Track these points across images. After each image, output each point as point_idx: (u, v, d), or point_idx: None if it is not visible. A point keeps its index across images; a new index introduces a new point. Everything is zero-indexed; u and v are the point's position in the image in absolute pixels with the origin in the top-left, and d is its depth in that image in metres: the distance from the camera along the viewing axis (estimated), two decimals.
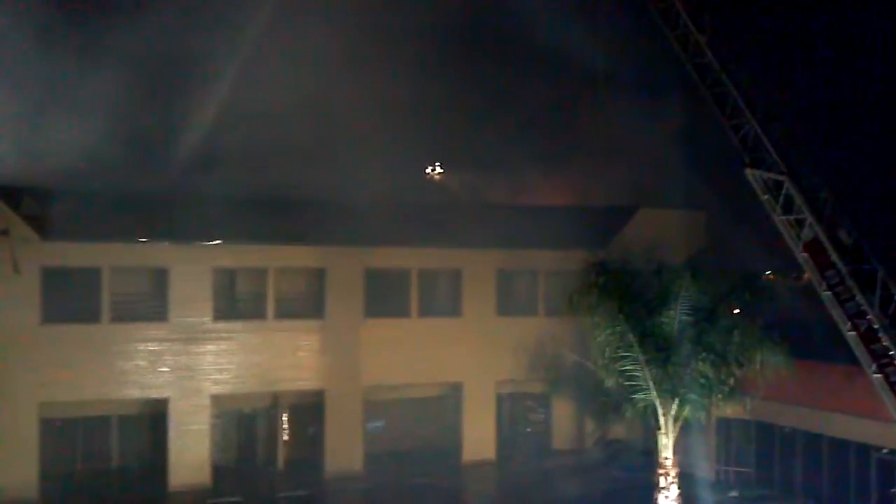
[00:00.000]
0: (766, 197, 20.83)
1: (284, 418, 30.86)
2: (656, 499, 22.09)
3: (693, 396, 21.52)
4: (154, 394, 28.35)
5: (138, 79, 30.49)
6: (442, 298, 33.00)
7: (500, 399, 32.86)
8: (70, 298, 27.82)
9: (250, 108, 31.38)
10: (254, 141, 30.98)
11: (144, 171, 31.59)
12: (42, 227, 27.23)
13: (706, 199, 32.79)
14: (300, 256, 30.31)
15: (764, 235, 24.38)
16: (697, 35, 21.99)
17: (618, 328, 22.31)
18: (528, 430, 34.03)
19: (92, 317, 27.78)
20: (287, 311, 30.09)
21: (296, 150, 32.47)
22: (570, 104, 36.26)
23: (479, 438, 31.85)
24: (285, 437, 30.80)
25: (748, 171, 21.32)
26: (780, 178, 20.54)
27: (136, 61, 30.18)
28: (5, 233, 26.36)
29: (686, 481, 23.47)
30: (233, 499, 27.23)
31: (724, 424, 28.38)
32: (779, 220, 20.50)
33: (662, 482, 22.06)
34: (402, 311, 31.38)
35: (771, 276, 29.14)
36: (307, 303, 30.71)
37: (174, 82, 32.21)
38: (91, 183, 29.27)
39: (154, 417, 28.93)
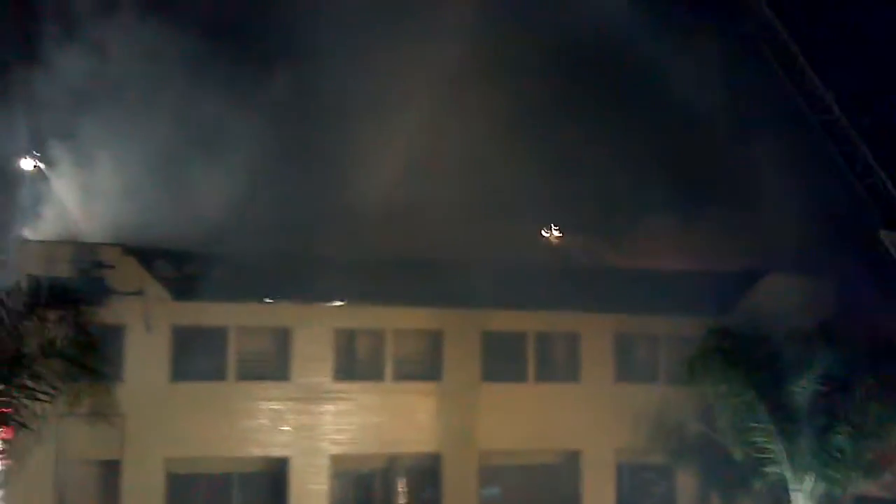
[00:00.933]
0: None
1: (401, 481, 30.80)
2: None
3: (829, 472, 20.46)
4: (275, 452, 28.74)
5: (275, 140, 31.69)
6: (559, 363, 32.52)
7: (620, 469, 31.95)
8: (198, 357, 28.69)
9: (372, 168, 32.13)
10: (372, 201, 31.55)
11: (270, 234, 32.58)
12: (174, 287, 28.35)
13: (837, 262, 31.53)
14: (418, 318, 30.52)
15: None
16: (824, 92, 21.48)
17: (746, 397, 21.52)
18: (650, 501, 32.90)
19: (218, 375, 28.53)
20: (404, 373, 30.22)
21: (415, 211, 32.97)
22: (694, 165, 35.68)
23: None
24: (402, 501, 30.69)
25: (884, 234, 20.50)
26: None
27: (271, 123, 31.43)
28: (140, 293, 27.51)
29: None
30: None
31: (862, 502, 26.77)
32: None
33: None
34: (518, 376, 31.05)
35: None
36: (424, 365, 30.74)
37: (303, 146, 33.33)
38: (220, 245, 30.38)
39: (274, 476, 29.23)
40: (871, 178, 21.19)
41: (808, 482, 20.86)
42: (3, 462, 27.53)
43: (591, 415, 30.98)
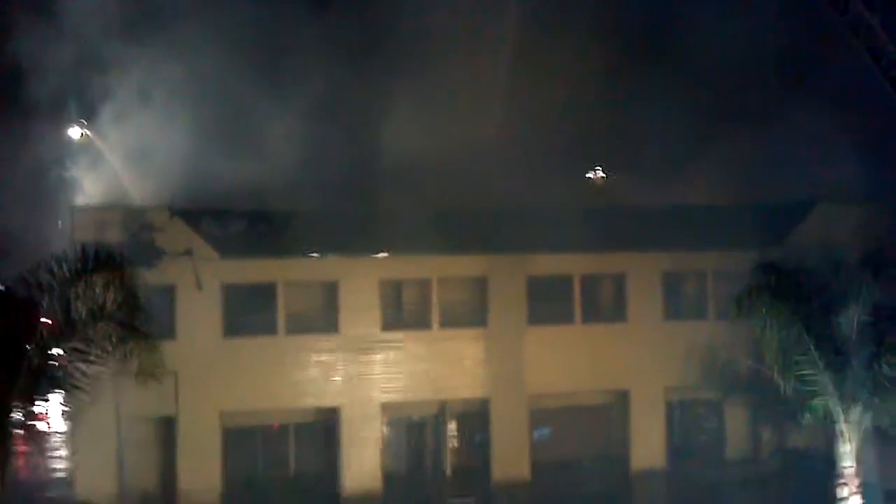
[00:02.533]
0: None
1: (451, 426, 31.25)
2: None
3: (875, 400, 20.21)
4: (327, 402, 29.38)
5: (311, 100, 31.76)
6: (606, 304, 32.51)
7: (669, 406, 31.99)
8: (248, 313, 29.30)
9: (412, 119, 32.07)
10: (413, 151, 31.52)
11: (314, 189, 32.84)
12: (221, 245, 28.84)
13: (888, 191, 30.76)
14: (462, 266, 30.65)
15: None
16: (869, 17, 20.76)
17: (793, 330, 21.25)
18: (701, 438, 32.92)
19: (269, 329, 29.12)
20: (451, 321, 30.46)
21: (456, 158, 32.88)
22: (742, 95, 34.93)
23: (648, 447, 31.10)
24: (453, 445, 31.18)
25: None
26: None
27: (314, 80, 31.48)
28: (189, 253, 28.05)
29: (872, 493, 22.05)
30: None
31: None
32: None
33: (843, 493, 20.81)
34: (565, 318, 31.14)
35: None
36: (470, 312, 30.91)
37: (343, 100, 33.34)
38: (265, 202, 30.74)
39: (327, 426, 29.92)
40: None
41: (856, 413, 20.68)
42: (66, 423, 28.76)
43: (639, 354, 30.99)
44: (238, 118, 32.29)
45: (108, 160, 32.91)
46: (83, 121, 33.17)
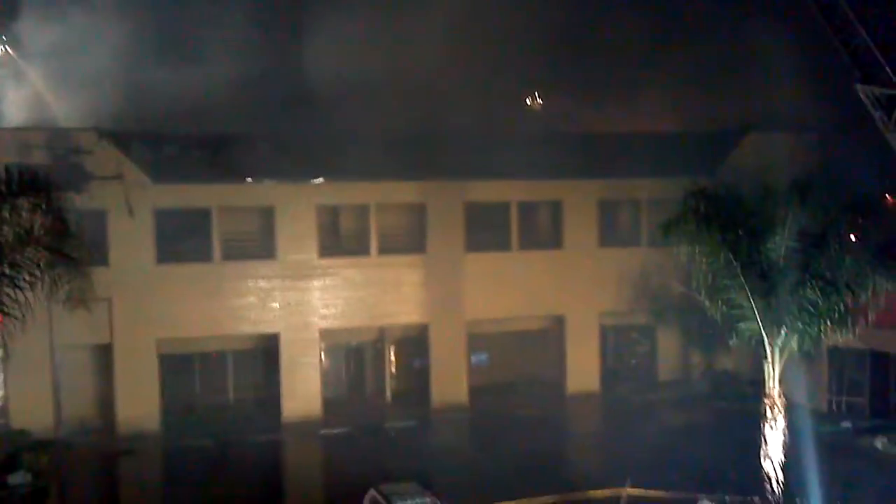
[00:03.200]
0: (877, 114, 19.76)
1: (390, 352, 31.54)
2: (762, 429, 21.59)
3: (800, 325, 20.79)
4: (265, 329, 29.37)
5: (248, 20, 30.93)
6: (543, 231, 32.85)
7: (603, 331, 32.71)
8: (182, 239, 28.96)
9: (350, 43, 31.51)
10: (351, 76, 31.08)
11: (249, 113, 32.25)
12: (153, 170, 28.25)
13: (817, 120, 31.31)
14: (401, 192, 30.60)
15: (878, 156, 23.22)
16: None
17: (721, 256, 21.63)
18: (633, 361, 33.80)
19: (204, 256, 28.86)
20: (390, 247, 30.54)
21: (393, 84, 32.51)
22: (674, 24, 34.95)
23: (582, 370, 31.88)
24: (392, 370, 31.52)
25: (859, 87, 20.23)
26: (894, 93, 19.41)
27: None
28: (119, 177, 27.42)
29: (795, 412, 22.89)
30: (343, 429, 28.16)
31: (837, 354, 27.50)
32: (891, 137, 19.43)
33: (769, 413, 21.49)
34: (502, 245, 31.41)
35: (889, 199, 27.77)
36: (409, 238, 31.03)
37: (280, 22, 32.52)
38: (198, 126, 30.11)
39: (266, 352, 30.02)
40: (847, 32, 20.68)
41: (781, 336, 21.29)
42: None
43: (575, 280, 31.52)
44: (172, 35, 31.37)
45: (33, 79, 31.82)
46: (2, 36, 31.91)
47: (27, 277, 18.42)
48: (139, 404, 27.60)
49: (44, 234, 18.60)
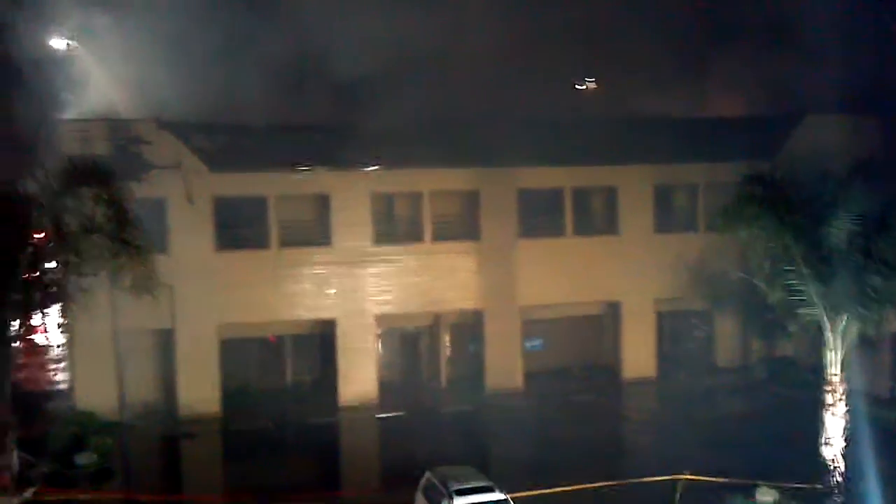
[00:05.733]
0: None
1: (446, 337, 31.70)
2: (822, 416, 21.30)
3: (861, 310, 20.41)
4: (322, 314, 29.71)
5: (302, 8, 31.17)
6: (597, 216, 32.68)
7: (660, 317, 32.43)
8: (240, 226, 29.40)
9: (403, 30, 31.56)
10: (405, 63, 31.13)
11: (303, 101, 32.54)
12: (211, 158, 28.71)
13: (879, 102, 30.56)
14: (454, 179, 30.64)
15: None
16: None
17: (781, 241, 21.32)
18: (691, 347, 33.46)
19: (261, 243, 29.24)
20: (443, 234, 30.63)
21: (446, 70, 32.51)
22: (732, 6, 34.38)
23: (639, 356, 31.70)
24: (447, 356, 31.68)
25: None
26: None
27: None
28: (177, 166, 27.93)
29: (857, 399, 22.52)
30: (398, 413, 28.42)
31: None
32: None
33: (829, 399, 21.18)
34: (557, 231, 31.31)
35: None
36: (462, 225, 31.09)
37: (333, 10, 32.70)
38: (255, 115, 30.47)
39: (323, 337, 30.40)
40: None
41: (842, 322, 20.93)
42: (63, 335, 29.08)
43: (630, 266, 31.30)
44: (228, 29, 31.73)
45: (95, 72, 32.46)
46: (70, 32, 32.59)
47: (91, 265, 18.98)
48: (200, 388, 28.16)
49: (106, 223, 19.12)
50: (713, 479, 21.15)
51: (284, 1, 31.58)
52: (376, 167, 30.05)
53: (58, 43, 32.50)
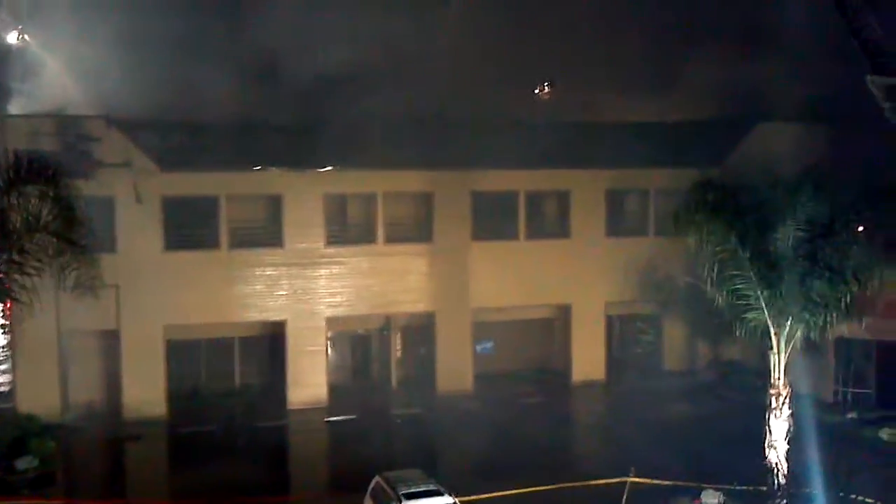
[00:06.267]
0: (888, 105, 19.54)
1: (397, 339, 31.61)
2: (767, 420, 21.59)
3: (806, 315, 20.76)
4: (272, 316, 29.47)
5: (256, 8, 30.88)
6: (550, 220, 32.88)
7: (609, 320, 32.71)
8: (190, 226, 29.08)
9: (358, 31, 31.43)
10: (359, 65, 31.01)
11: (257, 101, 32.19)
12: (161, 157, 28.30)
13: (828, 110, 31.16)
14: (408, 181, 30.59)
15: (888, 147, 23.04)
16: None
17: (729, 246, 21.60)
18: (639, 351, 33.81)
19: (211, 243, 28.92)
20: (396, 236, 30.57)
21: (401, 73, 32.42)
22: (684, 13, 34.75)
23: (588, 359, 31.91)
24: (398, 358, 31.59)
25: (869, 78, 20.01)
26: None
27: None
28: (127, 164, 27.50)
29: (801, 402, 22.90)
30: (348, 416, 28.25)
31: (844, 345, 27.45)
32: None
33: (774, 403, 21.48)
34: (510, 234, 31.42)
35: None
36: (416, 227, 31.08)
37: (288, 10, 32.45)
38: (206, 114, 30.09)
39: (273, 339, 30.12)
40: (859, 22, 20.46)
41: (787, 326, 21.26)
42: (5, 336, 28.44)
43: (581, 269, 31.53)
44: (183, 26, 31.31)
45: (45, 66, 31.81)
46: (19, 26, 31.92)
47: (35, 264, 18.52)
48: (145, 390, 27.73)
49: (52, 221, 18.67)
50: (659, 481, 21.35)
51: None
52: (330, 168, 29.88)
53: (8, 35, 31.82)
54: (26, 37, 31.62)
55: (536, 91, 39.42)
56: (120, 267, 26.03)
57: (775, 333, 21.36)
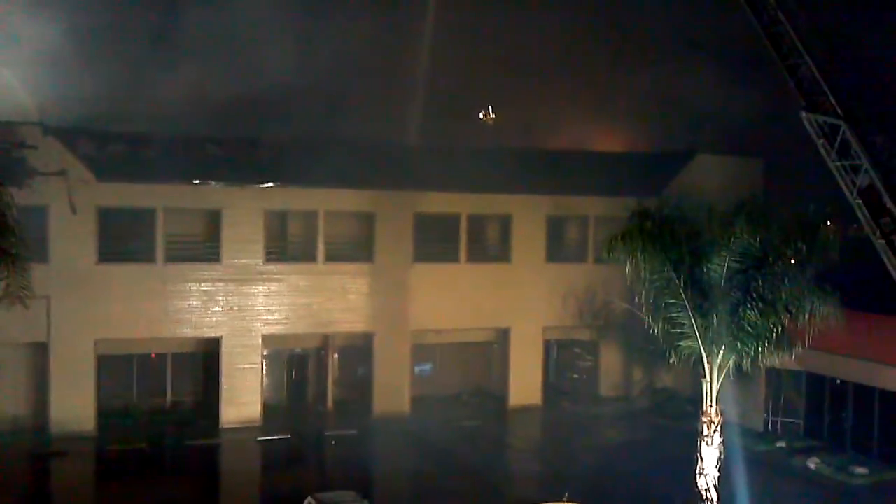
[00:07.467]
0: (821, 141, 20.20)
1: (334, 359, 31.35)
2: (699, 447, 21.89)
3: (738, 345, 21.13)
4: (207, 333, 28.99)
5: (199, 20, 30.62)
6: (491, 244, 33.05)
7: (547, 345, 32.93)
8: (125, 238, 28.57)
9: (304, 48, 31.33)
10: (306, 84, 30.92)
11: (198, 114, 31.85)
12: (98, 168, 27.79)
13: (764, 145, 31.99)
14: (350, 200, 30.47)
15: (821, 182, 23.73)
16: None
17: (664, 275, 21.91)
18: (575, 376, 34.06)
19: (147, 257, 28.41)
20: (337, 255, 30.39)
21: (347, 94, 32.43)
22: (626, 49, 35.46)
23: (525, 384, 31.99)
24: (335, 378, 31.30)
25: (804, 115, 20.68)
26: (837, 121, 19.90)
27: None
28: (62, 173, 26.93)
29: (732, 431, 23.28)
30: (282, 436, 27.88)
31: (775, 375, 27.96)
32: (834, 165, 19.90)
33: (705, 430, 21.78)
34: (451, 257, 31.46)
35: (829, 225, 28.35)
36: (357, 247, 30.95)
37: (235, 22, 32.24)
38: (146, 125, 29.69)
39: (207, 356, 29.65)
40: (794, 60, 21.16)
41: (719, 355, 21.62)
42: None
43: (521, 294, 31.68)
44: (122, 34, 30.89)
45: None
46: None
47: None
48: (74, 405, 27.00)
49: None
50: None
51: (187, 9, 30.92)
52: (271, 184, 29.64)
53: None
54: None
55: (481, 116, 39.81)
56: (52, 278, 25.42)
57: (708, 362, 21.67)
